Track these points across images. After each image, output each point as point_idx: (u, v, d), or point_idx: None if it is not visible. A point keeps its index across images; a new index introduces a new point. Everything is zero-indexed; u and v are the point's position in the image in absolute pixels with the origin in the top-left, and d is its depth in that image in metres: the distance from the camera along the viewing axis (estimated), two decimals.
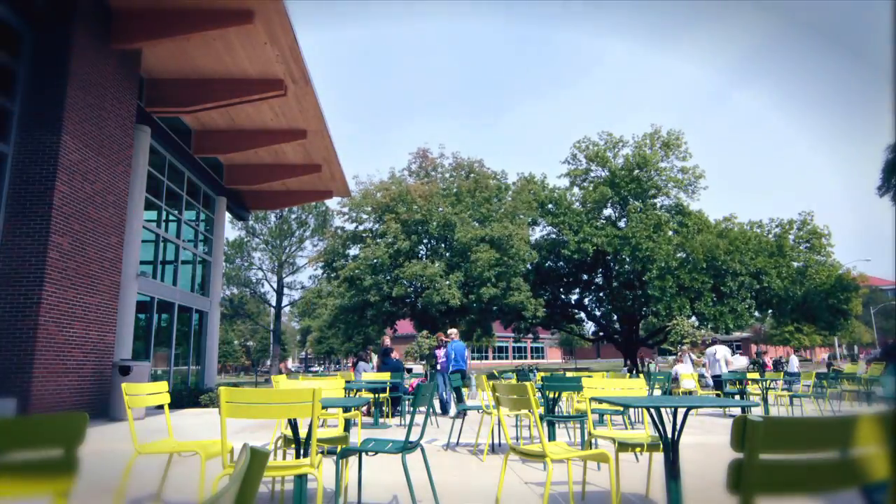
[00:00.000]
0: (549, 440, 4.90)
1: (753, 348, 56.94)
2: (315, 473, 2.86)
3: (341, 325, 28.56)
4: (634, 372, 25.48)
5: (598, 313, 35.07)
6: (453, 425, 7.07)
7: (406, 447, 3.33)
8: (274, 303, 45.56)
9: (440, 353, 10.62)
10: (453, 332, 10.39)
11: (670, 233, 29.63)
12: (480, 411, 6.71)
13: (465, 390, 9.62)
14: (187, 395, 11.63)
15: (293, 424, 3.16)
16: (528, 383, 3.55)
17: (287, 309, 50.07)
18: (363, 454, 3.66)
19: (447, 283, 24.81)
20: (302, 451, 3.06)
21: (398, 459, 3.30)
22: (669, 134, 31.18)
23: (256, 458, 0.88)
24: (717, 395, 10.46)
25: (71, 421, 0.93)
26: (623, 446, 3.65)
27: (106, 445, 6.45)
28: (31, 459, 0.89)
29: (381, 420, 8.75)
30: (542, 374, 9.45)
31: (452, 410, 9.75)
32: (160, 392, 3.94)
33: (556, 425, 6.29)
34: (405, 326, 34.46)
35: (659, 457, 3.43)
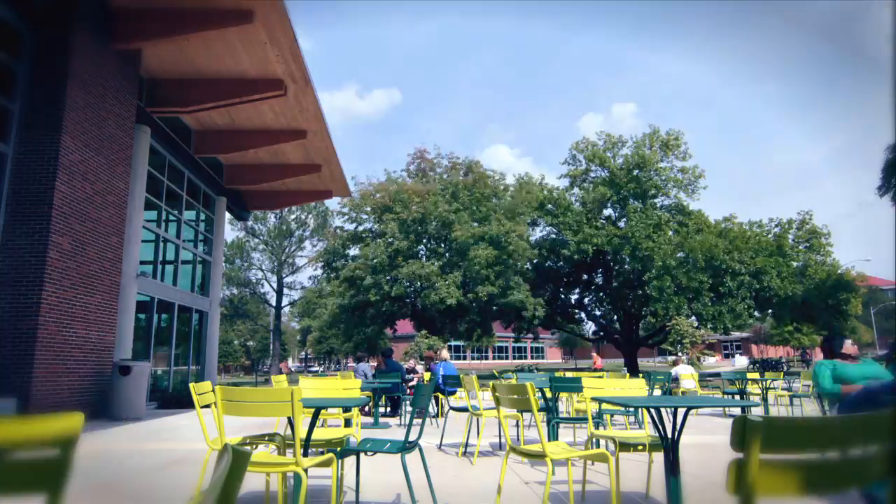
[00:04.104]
0: (551, 440, 4.90)
1: (755, 349, 56.97)
2: (300, 471, 2.86)
3: (341, 325, 28.60)
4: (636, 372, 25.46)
5: (597, 313, 35.08)
6: (445, 426, 7.07)
7: (405, 447, 3.32)
8: (274, 303, 45.59)
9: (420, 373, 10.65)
10: (442, 353, 10.19)
11: (670, 233, 29.61)
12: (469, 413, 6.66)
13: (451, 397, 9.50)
14: (187, 395, 11.64)
15: (292, 423, 3.16)
16: (528, 383, 3.54)
17: (287, 309, 50.11)
18: (362, 454, 3.66)
19: (445, 282, 24.80)
20: (301, 451, 3.06)
21: (397, 459, 3.29)
22: (669, 134, 31.18)
23: (238, 459, 0.88)
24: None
25: (67, 421, 0.92)
26: (623, 446, 3.65)
27: (106, 446, 6.44)
28: (26, 459, 0.89)
29: (380, 420, 8.75)
30: (542, 373, 9.43)
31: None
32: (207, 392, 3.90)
33: (558, 425, 6.28)
34: (405, 326, 34.46)
35: (659, 457, 3.43)
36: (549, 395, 5.71)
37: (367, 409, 8.82)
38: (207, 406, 3.74)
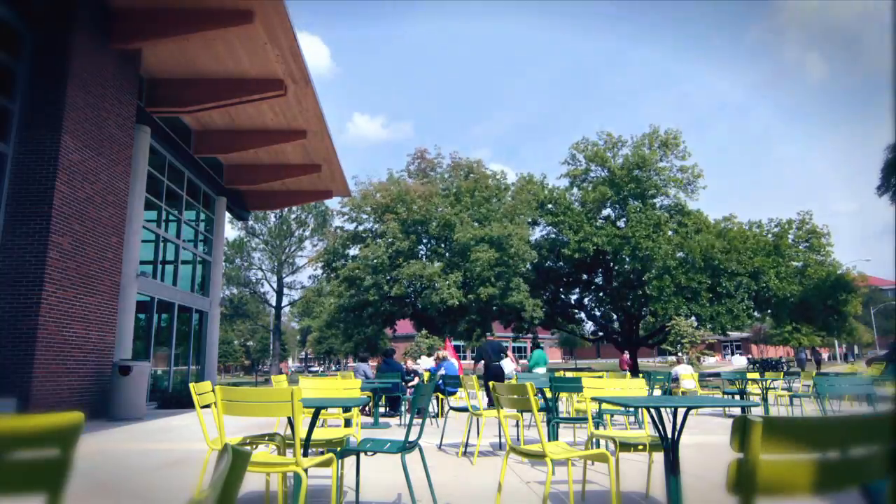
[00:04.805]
0: (551, 440, 4.90)
1: (754, 349, 56.96)
2: (300, 471, 2.86)
3: (341, 325, 28.59)
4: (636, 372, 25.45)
5: (597, 313, 35.08)
6: (445, 426, 7.07)
7: (405, 447, 3.32)
8: (274, 303, 45.57)
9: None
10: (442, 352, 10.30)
11: (670, 233, 29.61)
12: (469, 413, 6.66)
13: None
14: (187, 395, 11.63)
15: (292, 423, 3.16)
16: (528, 383, 3.54)
17: (287, 309, 50.10)
18: (362, 454, 3.66)
19: (447, 283, 24.81)
20: (301, 451, 3.06)
21: (397, 459, 3.29)
22: (668, 133, 31.16)
23: (238, 459, 0.88)
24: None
25: (67, 421, 0.92)
26: (623, 446, 3.65)
27: (106, 446, 6.44)
28: (26, 459, 0.89)
29: (380, 420, 8.75)
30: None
31: None
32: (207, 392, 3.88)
33: (558, 425, 6.28)
34: (405, 326, 34.46)
35: (659, 457, 3.43)
36: (549, 395, 5.71)
37: (367, 409, 8.81)
38: (207, 406, 3.74)
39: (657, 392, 8.72)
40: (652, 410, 3.14)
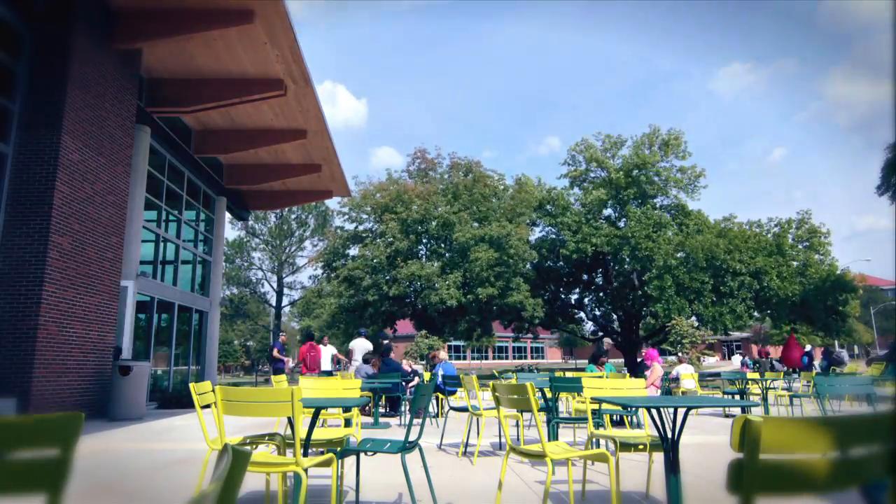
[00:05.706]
0: (551, 440, 4.89)
1: (754, 349, 56.93)
2: (300, 471, 2.86)
3: (341, 325, 28.56)
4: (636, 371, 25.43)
5: (597, 313, 35.08)
6: (445, 426, 7.07)
7: (405, 447, 3.32)
8: (274, 303, 45.58)
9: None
10: (440, 354, 10.24)
11: (670, 233, 29.58)
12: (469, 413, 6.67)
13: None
14: (187, 395, 11.63)
15: (292, 423, 3.16)
16: (528, 383, 3.54)
17: (287, 309, 50.08)
18: (362, 454, 3.66)
19: (446, 283, 24.80)
20: (301, 451, 3.06)
21: (397, 459, 3.30)
22: (669, 133, 31.13)
23: (238, 459, 0.88)
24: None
25: (66, 421, 0.92)
26: (623, 446, 3.65)
27: (106, 446, 6.44)
28: (26, 459, 0.89)
29: (380, 420, 8.75)
30: (542, 373, 9.40)
31: None
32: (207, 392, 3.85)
33: (558, 425, 6.28)
34: (405, 326, 34.45)
35: (659, 456, 3.43)
36: (549, 395, 5.71)
37: (367, 409, 8.81)
38: (207, 406, 3.74)
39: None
40: (652, 410, 3.15)
